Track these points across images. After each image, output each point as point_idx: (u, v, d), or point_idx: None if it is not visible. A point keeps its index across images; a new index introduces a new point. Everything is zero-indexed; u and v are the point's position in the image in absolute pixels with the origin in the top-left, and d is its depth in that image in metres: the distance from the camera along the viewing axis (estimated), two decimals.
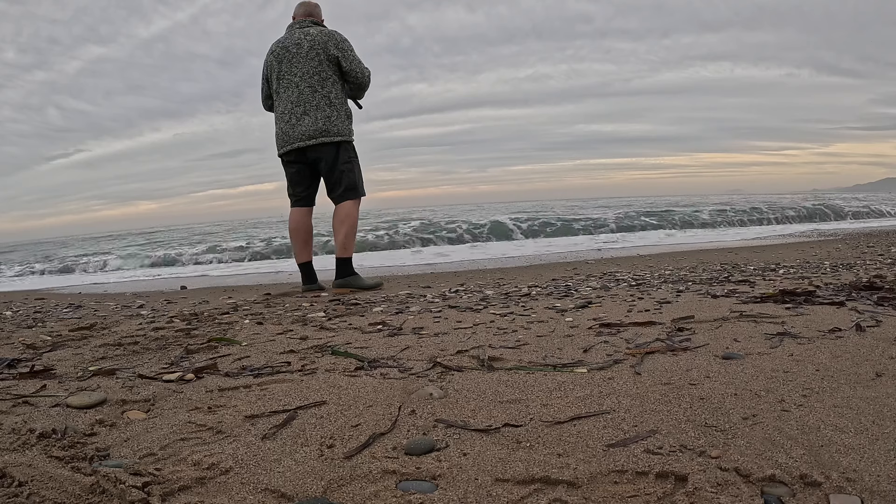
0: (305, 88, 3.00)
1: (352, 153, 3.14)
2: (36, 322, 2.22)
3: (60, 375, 1.20)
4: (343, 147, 3.09)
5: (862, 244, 5.15)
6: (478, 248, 7.82)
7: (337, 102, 3.05)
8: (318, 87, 3.01)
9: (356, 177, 3.15)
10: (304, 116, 3.01)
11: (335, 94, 3.05)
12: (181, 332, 1.72)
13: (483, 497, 0.64)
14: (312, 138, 3.02)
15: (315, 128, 3.01)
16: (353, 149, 3.18)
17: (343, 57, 3.04)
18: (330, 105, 3.02)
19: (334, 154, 3.06)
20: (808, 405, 0.85)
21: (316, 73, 3.00)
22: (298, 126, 3.03)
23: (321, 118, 3.01)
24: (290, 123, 3.05)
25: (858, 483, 0.62)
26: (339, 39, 3.04)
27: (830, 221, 12.27)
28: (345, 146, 3.09)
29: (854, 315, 1.46)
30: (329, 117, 3.02)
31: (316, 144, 3.03)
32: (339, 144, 3.07)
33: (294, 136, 3.05)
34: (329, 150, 3.06)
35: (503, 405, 0.92)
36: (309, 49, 2.99)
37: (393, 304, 2.27)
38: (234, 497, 0.66)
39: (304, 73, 3.00)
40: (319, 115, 3.01)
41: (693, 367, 1.08)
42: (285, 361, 1.29)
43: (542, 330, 1.53)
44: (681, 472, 0.66)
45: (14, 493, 0.64)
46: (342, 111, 3.07)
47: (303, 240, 3.23)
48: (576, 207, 17.20)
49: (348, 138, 3.11)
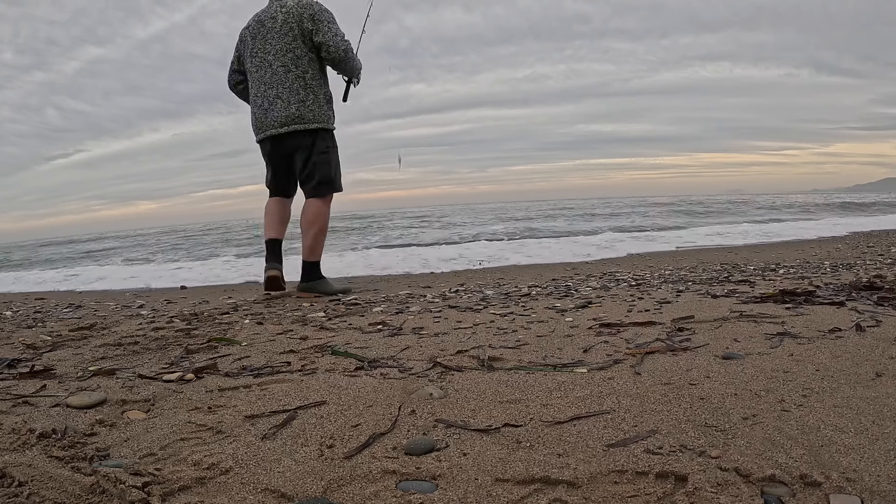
0: (279, 68, 2.70)
1: (330, 142, 2.83)
2: (36, 322, 2.22)
3: (60, 375, 1.20)
4: (320, 135, 2.78)
5: (862, 244, 5.15)
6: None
7: (314, 84, 2.73)
8: (292, 66, 2.69)
9: (332, 170, 2.83)
10: (277, 100, 2.71)
11: (312, 75, 2.72)
12: (181, 332, 1.72)
13: (483, 497, 0.64)
14: (285, 125, 2.73)
15: (287, 114, 2.71)
16: (333, 138, 2.86)
17: (316, 30, 2.67)
18: (305, 87, 2.70)
19: (310, 143, 2.77)
20: (808, 405, 0.85)
21: (290, 51, 2.68)
22: (271, 111, 2.74)
23: (294, 102, 2.70)
24: (262, 108, 2.77)
25: (858, 483, 0.62)
26: (315, 10, 2.69)
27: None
28: (322, 134, 2.79)
29: (854, 315, 1.46)
30: (304, 101, 2.71)
31: (289, 133, 2.75)
32: (315, 132, 2.77)
33: (267, 122, 2.76)
34: (304, 138, 2.77)
35: (503, 405, 0.92)
36: (283, 23, 2.68)
37: (393, 304, 2.27)
38: (234, 497, 0.66)
39: (277, 50, 2.69)
40: (293, 98, 2.70)
41: (693, 367, 1.08)
42: (285, 361, 1.29)
43: (542, 330, 1.53)
44: (681, 472, 0.66)
45: (14, 493, 0.64)
46: (320, 94, 2.76)
47: (277, 219, 2.95)
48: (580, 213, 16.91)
49: (327, 125, 2.80)
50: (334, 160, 2.86)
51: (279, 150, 2.83)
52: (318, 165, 2.79)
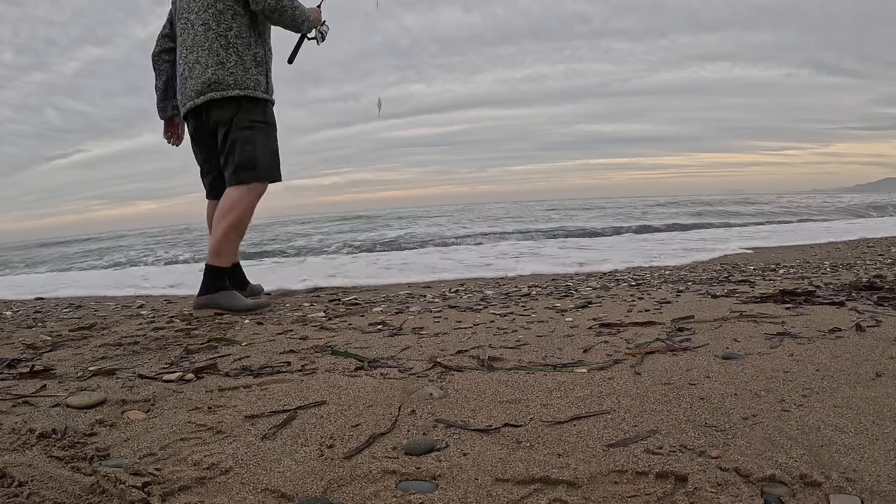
0: (199, 27, 2.21)
1: (256, 116, 2.26)
2: (36, 322, 2.22)
3: (60, 375, 1.20)
4: (244, 107, 2.24)
5: (862, 244, 5.15)
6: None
7: (238, 43, 2.21)
8: (213, 23, 2.20)
9: (258, 151, 2.26)
10: (196, 66, 2.22)
11: (236, 32, 2.21)
12: (181, 332, 1.72)
13: (483, 497, 0.64)
14: (201, 94, 2.22)
15: (203, 79, 2.20)
16: (263, 111, 2.29)
17: None
18: (227, 47, 2.19)
19: (231, 116, 2.23)
20: (808, 405, 0.85)
21: (211, 6, 2.21)
22: (189, 80, 2.24)
23: (212, 66, 2.18)
24: (182, 77, 2.28)
25: (858, 483, 0.62)
26: None
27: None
28: (247, 106, 2.24)
29: (854, 315, 1.46)
30: (223, 63, 2.18)
31: (206, 103, 2.23)
32: (238, 102, 2.23)
33: (185, 94, 2.27)
34: (224, 110, 2.23)
35: (503, 405, 0.92)
36: None
37: (393, 304, 2.27)
38: (234, 497, 0.66)
39: (199, 7, 2.22)
40: (210, 61, 2.19)
41: (693, 367, 1.08)
42: (285, 361, 1.29)
43: (542, 330, 1.53)
44: (681, 472, 0.66)
45: (14, 493, 0.64)
46: (246, 55, 2.22)
47: None
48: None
49: (252, 93, 2.23)
50: (261, 139, 2.27)
51: (201, 128, 2.32)
52: (239, 144, 2.24)
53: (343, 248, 7.89)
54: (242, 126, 2.24)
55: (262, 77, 2.29)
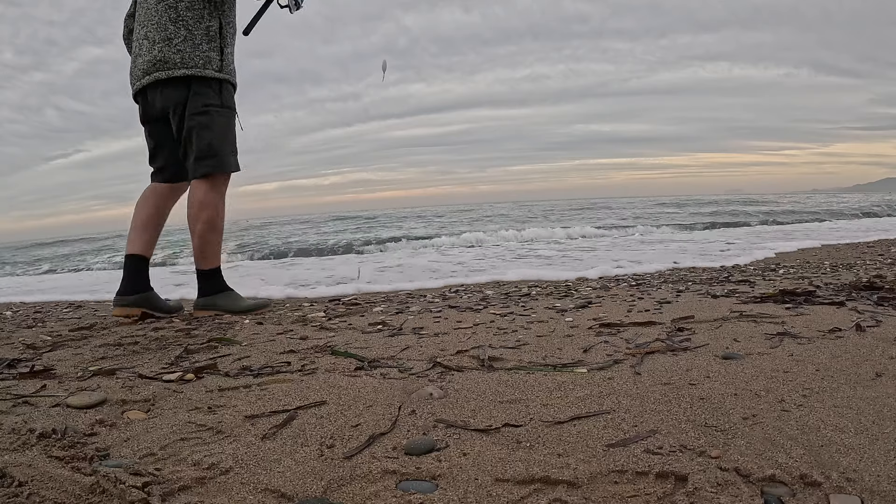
0: (152, 2, 2.00)
1: (212, 99, 2.01)
2: (36, 322, 2.22)
3: (60, 375, 1.20)
4: (195, 88, 1.99)
5: (862, 244, 5.14)
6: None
7: (188, 16, 1.97)
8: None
9: (216, 137, 2.01)
10: (144, 42, 2.01)
11: (186, 4, 1.97)
12: (181, 332, 1.72)
13: (483, 497, 0.64)
14: (146, 74, 2.01)
15: (150, 57, 1.98)
16: (219, 92, 2.04)
17: None
18: (176, 20, 1.95)
19: (180, 99, 2.00)
20: (808, 405, 0.85)
21: None
22: (138, 58, 2.04)
23: (159, 41, 1.96)
24: (134, 54, 2.09)
25: (858, 483, 0.62)
26: None
27: None
28: (198, 87, 1.99)
29: (854, 315, 1.46)
30: (170, 40, 1.95)
31: (153, 83, 2.01)
32: (187, 83, 1.99)
33: (133, 73, 2.08)
34: (174, 92, 2.00)
35: (503, 405, 0.92)
36: None
37: (393, 304, 2.27)
38: (234, 497, 0.66)
39: None
40: (158, 36, 1.96)
41: (693, 367, 1.08)
42: (285, 361, 1.29)
43: (542, 330, 1.53)
44: (681, 472, 0.66)
45: (14, 493, 0.64)
46: (197, 30, 1.97)
47: (140, 221, 2.14)
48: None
49: (202, 72, 1.98)
50: (220, 124, 2.02)
51: (148, 110, 2.10)
52: (195, 132, 2.00)
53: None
54: (196, 111, 2.00)
55: (215, 54, 2.01)
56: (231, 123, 2.10)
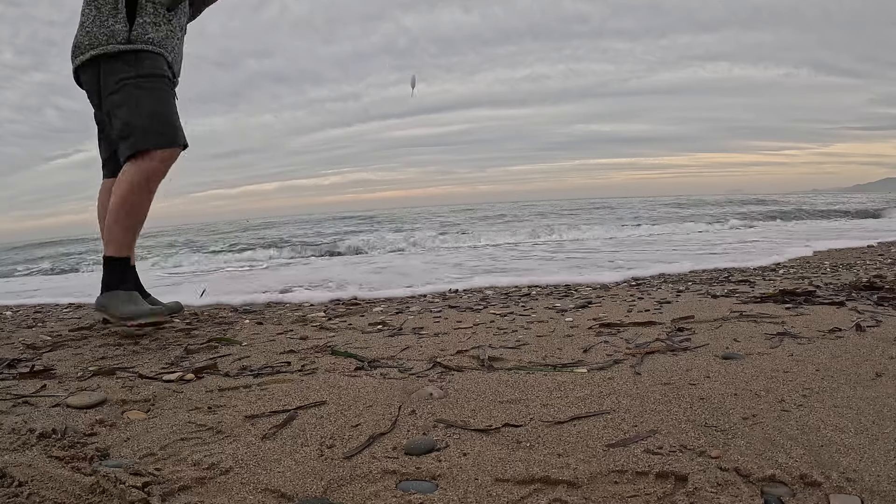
0: None
1: (122, 73, 1.78)
2: (36, 322, 2.22)
3: (60, 375, 1.20)
4: (105, 67, 1.79)
5: (862, 244, 5.14)
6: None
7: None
8: None
9: (133, 114, 1.77)
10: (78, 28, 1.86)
11: None
12: (181, 332, 1.72)
13: (483, 497, 0.64)
14: (71, 62, 1.88)
15: (74, 43, 1.85)
16: (133, 64, 1.79)
17: None
18: (91, 2, 1.81)
19: (95, 83, 1.83)
20: (808, 405, 0.85)
21: None
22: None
23: (78, 26, 1.84)
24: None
25: (858, 483, 0.62)
26: None
27: None
28: (106, 66, 1.79)
29: (854, 315, 1.46)
30: (83, 23, 1.82)
31: (77, 69, 1.87)
32: (96, 64, 1.80)
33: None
34: (89, 76, 1.84)
35: (503, 405, 0.92)
36: None
37: (393, 304, 2.27)
38: (234, 497, 0.66)
39: None
40: (80, 21, 1.84)
41: (693, 367, 1.08)
42: (285, 361, 1.29)
43: (542, 330, 1.53)
44: (681, 472, 0.66)
45: (14, 493, 0.64)
46: (105, 5, 1.79)
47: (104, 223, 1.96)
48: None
49: (105, 48, 1.77)
50: (136, 97, 1.79)
51: (90, 99, 1.94)
52: (112, 114, 1.81)
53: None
54: (110, 91, 1.81)
55: (121, 25, 1.78)
56: (157, 93, 1.83)
